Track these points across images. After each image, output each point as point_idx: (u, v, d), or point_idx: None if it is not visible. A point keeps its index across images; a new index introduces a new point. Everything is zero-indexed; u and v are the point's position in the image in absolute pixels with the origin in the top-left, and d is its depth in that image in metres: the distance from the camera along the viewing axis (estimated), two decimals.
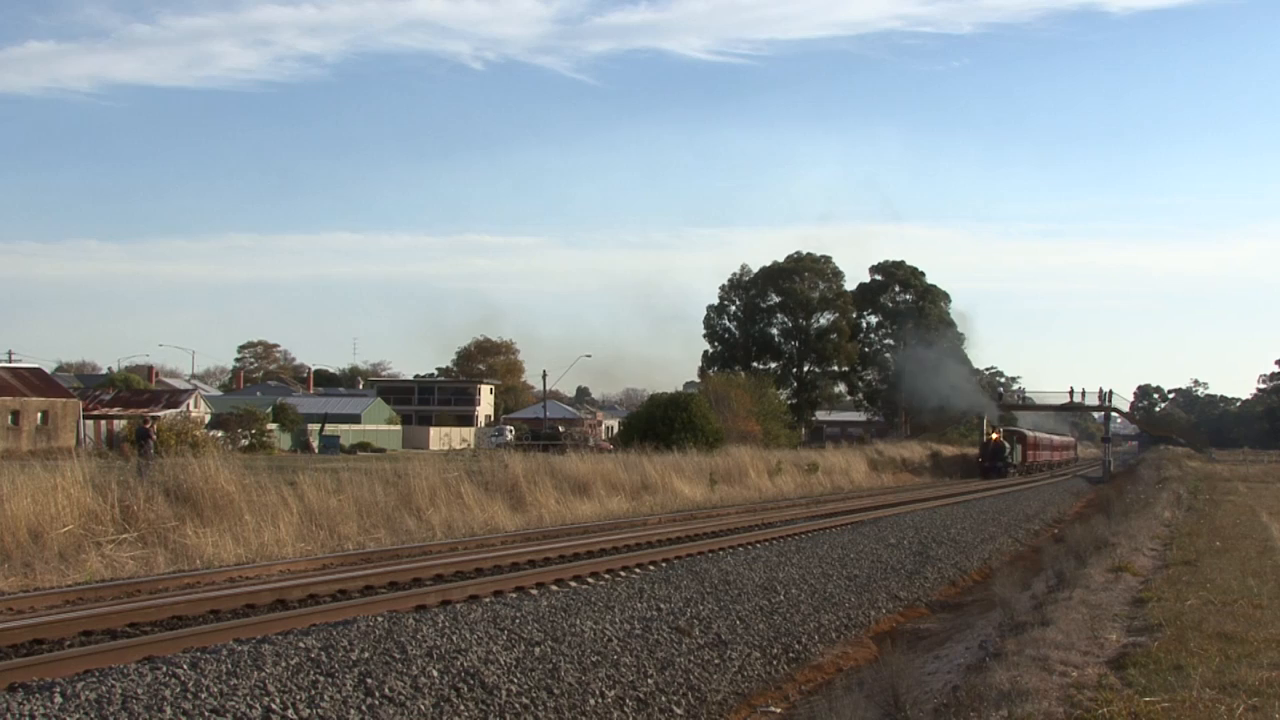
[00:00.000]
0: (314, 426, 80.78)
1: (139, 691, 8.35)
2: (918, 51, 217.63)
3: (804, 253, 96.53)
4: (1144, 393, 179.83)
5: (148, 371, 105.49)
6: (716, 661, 12.58)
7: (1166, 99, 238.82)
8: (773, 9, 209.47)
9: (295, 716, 8.51)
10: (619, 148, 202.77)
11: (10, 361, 77.69)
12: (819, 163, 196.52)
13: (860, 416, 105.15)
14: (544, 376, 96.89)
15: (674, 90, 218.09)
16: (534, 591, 14.55)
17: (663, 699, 11.11)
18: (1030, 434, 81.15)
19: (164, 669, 8.91)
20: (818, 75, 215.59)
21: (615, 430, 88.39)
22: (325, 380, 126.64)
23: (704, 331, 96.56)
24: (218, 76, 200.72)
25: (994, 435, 69.50)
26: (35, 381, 68.88)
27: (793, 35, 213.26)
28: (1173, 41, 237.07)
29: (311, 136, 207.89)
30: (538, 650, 11.10)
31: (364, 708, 8.94)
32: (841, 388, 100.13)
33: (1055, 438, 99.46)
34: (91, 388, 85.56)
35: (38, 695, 8.11)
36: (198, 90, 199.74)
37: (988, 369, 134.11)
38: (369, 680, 9.38)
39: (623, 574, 16.71)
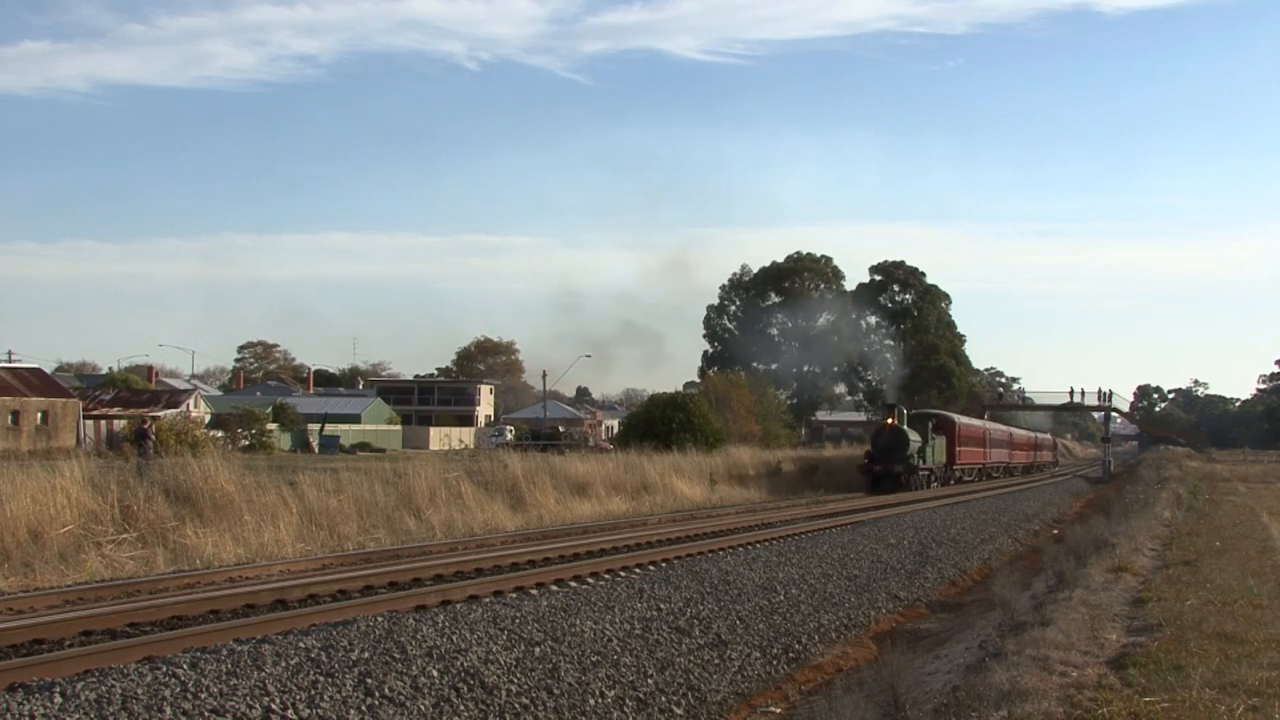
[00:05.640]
0: (314, 426, 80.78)
1: (139, 691, 8.36)
2: (912, 52, 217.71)
3: (804, 253, 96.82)
4: (1144, 393, 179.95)
5: (148, 371, 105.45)
6: (716, 661, 12.58)
7: (1164, 98, 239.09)
8: (766, 9, 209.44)
9: (295, 716, 8.51)
10: (614, 148, 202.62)
11: (10, 361, 77.65)
12: (813, 163, 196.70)
13: (860, 416, 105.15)
14: (544, 376, 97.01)
15: (669, 90, 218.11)
16: (534, 591, 14.55)
17: (663, 699, 11.11)
18: (961, 421, 55.59)
19: (164, 669, 8.91)
20: (812, 75, 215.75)
21: (615, 430, 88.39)
22: (325, 380, 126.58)
23: (704, 331, 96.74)
24: (213, 76, 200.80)
25: (890, 420, 45.45)
26: (35, 381, 68.86)
27: (786, 35, 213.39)
28: (1169, 41, 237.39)
29: (307, 136, 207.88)
30: (538, 650, 11.10)
31: (364, 708, 8.94)
32: (841, 388, 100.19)
33: (1018, 432, 76.09)
34: (91, 388, 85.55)
35: (38, 695, 8.11)
36: (193, 90, 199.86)
37: (988, 369, 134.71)
38: (369, 680, 9.38)
39: (623, 574, 16.71)
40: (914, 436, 45.16)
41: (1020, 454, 72.66)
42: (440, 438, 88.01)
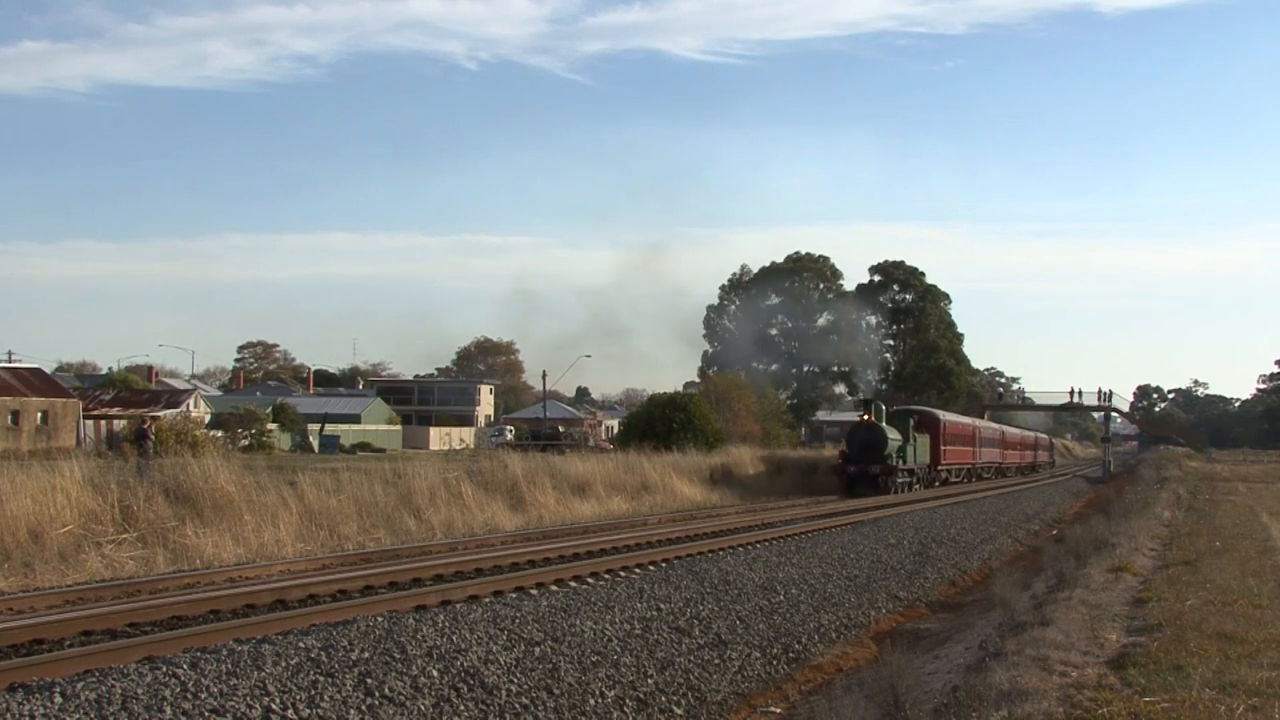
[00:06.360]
0: (314, 426, 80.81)
1: (139, 691, 8.35)
2: (911, 52, 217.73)
3: (803, 253, 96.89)
4: (1144, 393, 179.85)
5: (148, 371, 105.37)
6: (716, 661, 12.58)
7: (1163, 98, 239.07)
8: (765, 9, 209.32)
9: (295, 716, 8.51)
10: (614, 148, 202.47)
11: (10, 361, 77.61)
12: (812, 162, 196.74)
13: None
14: (544, 376, 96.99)
15: (668, 90, 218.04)
16: (534, 591, 14.55)
17: (663, 699, 11.11)
18: (947, 419, 52.24)
19: (164, 669, 8.91)
20: (811, 76, 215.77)
21: (615, 430, 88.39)
22: (325, 380, 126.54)
23: (704, 331, 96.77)
24: (212, 76, 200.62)
25: (865, 417, 42.28)
26: (35, 381, 68.84)
27: (786, 35, 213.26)
28: (1168, 40, 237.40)
29: (307, 136, 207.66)
30: (538, 650, 11.10)
31: (364, 708, 8.94)
32: (841, 388, 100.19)
33: (1011, 431, 73.55)
34: (91, 388, 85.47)
35: (38, 695, 8.11)
36: (193, 90, 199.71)
37: (987, 369, 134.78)
38: (369, 680, 9.38)
39: (623, 574, 16.71)
40: (893, 435, 41.98)
41: (1013, 454, 70.10)
42: (440, 438, 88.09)
